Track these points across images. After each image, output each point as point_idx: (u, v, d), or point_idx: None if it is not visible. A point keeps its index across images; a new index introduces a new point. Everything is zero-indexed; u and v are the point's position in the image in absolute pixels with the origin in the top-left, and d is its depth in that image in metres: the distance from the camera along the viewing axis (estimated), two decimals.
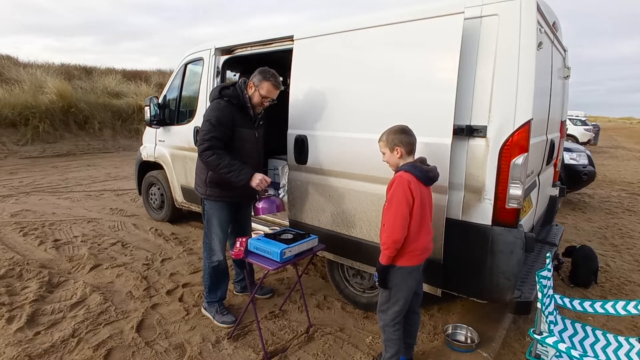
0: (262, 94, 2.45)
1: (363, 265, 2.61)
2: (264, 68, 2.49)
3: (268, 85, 2.44)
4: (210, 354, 2.31)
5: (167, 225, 4.65)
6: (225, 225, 2.64)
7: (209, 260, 2.63)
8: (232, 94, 2.47)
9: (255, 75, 2.46)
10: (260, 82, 2.44)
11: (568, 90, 3.42)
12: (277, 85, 2.48)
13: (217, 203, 2.57)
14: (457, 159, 2.13)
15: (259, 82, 2.44)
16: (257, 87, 2.45)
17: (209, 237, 2.62)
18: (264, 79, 2.43)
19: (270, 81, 2.44)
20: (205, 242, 2.67)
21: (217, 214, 2.59)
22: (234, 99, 2.46)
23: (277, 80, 2.47)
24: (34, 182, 6.99)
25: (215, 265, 2.62)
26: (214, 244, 2.60)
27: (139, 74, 17.00)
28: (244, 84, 2.50)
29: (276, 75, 2.48)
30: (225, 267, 2.68)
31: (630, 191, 7.56)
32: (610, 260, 3.97)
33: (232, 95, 2.46)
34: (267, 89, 2.44)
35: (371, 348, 2.41)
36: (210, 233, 2.61)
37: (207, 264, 2.65)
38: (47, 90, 11.30)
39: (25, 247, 3.86)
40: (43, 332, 2.45)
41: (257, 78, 2.45)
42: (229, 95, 2.46)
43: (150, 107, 4.18)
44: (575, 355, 1.70)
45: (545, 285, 2.02)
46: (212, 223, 2.60)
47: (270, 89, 2.45)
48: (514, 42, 1.95)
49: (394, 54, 2.28)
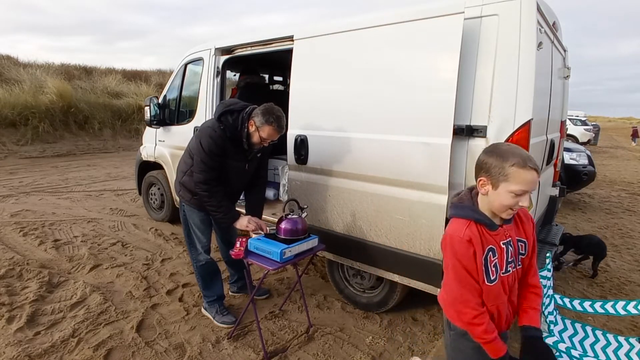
0: (263, 136, 2.31)
1: (363, 266, 2.61)
2: (269, 108, 2.31)
3: (270, 130, 2.29)
4: (210, 354, 2.31)
5: (167, 225, 4.65)
6: (205, 224, 2.56)
7: (195, 260, 2.62)
8: (230, 125, 2.32)
9: (257, 115, 2.30)
10: (262, 125, 2.28)
11: (568, 90, 3.42)
12: (280, 130, 2.33)
13: (193, 206, 2.51)
14: (457, 159, 2.13)
15: (261, 125, 2.28)
16: (259, 128, 2.30)
17: (190, 237, 2.60)
18: (267, 122, 2.27)
19: (273, 126, 2.28)
20: (188, 244, 2.65)
21: (194, 215, 2.53)
22: (228, 131, 2.31)
23: (280, 123, 2.31)
24: (34, 182, 6.98)
25: (202, 265, 2.60)
26: (197, 244, 2.58)
27: (139, 74, 17.00)
28: (248, 117, 2.33)
29: (280, 118, 2.31)
30: (214, 265, 2.66)
31: (630, 191, 7.56)
32: (610, 260, 3.97)
33: (229, 126, 2.32)
34: (269, 132, 2.30)
35: (371, 348, 2.41)
36: (192, 234, 2.58)
37: (195, 265, 2.64)
38: (47, 90, 11.31)
39: (25, 247, 3.86)
40: (43, 332, 2.45)
41: (260, 120, 2.28)
42: (226, 125, 2.32)
43: (150, 107, 4.18)
44: (575, 355, 1.70)
45: (545, 285, 2.02)
46: (190, 224, 2.56)
47: (271, 133, 2.31)
48: (514, 42, 1.95)
49: (394, 54, 2.28)
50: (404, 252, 2.35)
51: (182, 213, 2.60)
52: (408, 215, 2.29)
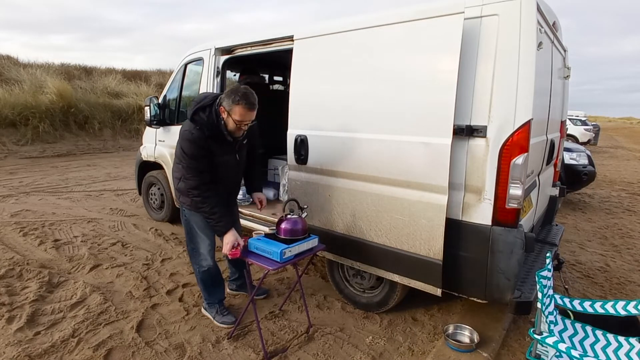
0: (236, 119, 2.15)
1: (363, 266, 2.61)
2: (233, 88, 2.18)
3: (240, 109, 2.12)
4: (210, 354, 2.31)
5: (167, 225, 4.65)
6: (207, 228, 2.46)
7: (198, 265, 2.56)
8: (206, 122, 2.17)
9: (223, 99, 2.15)
10: (231, 108, 2.13)
11: (568, 90, 3.42)
12: (251, 106, 2.15)
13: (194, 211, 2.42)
14: (457, 159, 2.13)
15: (230, 108, 2.13)
16: (229, 112, 2.15)
17: (193, 242, 2.52)
18: (234, 103, 2.11)
19: (241, 104, 2.11)
20: (190, 249, 2.57)
21: (196, 219, 2.44)
22: (206, 129, 2.16)
23: (248, 100, 2.12)
24: (34, 182, 6.98)
25: (204, 270, 2.54)
26: (201, 249, 2.51)
27: (139, 74, 17.00)
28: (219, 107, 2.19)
29: (247, 95, 2.13)
30: (216, 271, 2.61)
31: (630, 191, 7.55)
32: (610, 260, 3.97)
33: (205, 123, 2.17)
34: (240, 113, 2.13)
35: (371, 348, 2.41)
36: (194, 238, 2.51)
37: (197, 270, 2.59)
38: (47, 90, 11.30)
39: (25, 247, 3.86)
40: (43, 332, 2.45)
41: (227, 103, 2.14)
42: (201, 124, 2.17)
43: (150, 107, 4.18)
44: (575, 355, 1.70)
45: (545, 285, 2.02)
46: (193, 228, 2.48)
47: (243, 112, 2.13)
48: (514, 42, 1.96)
49: (394, 54, 2.28)
50: (404, 252, 2.35)
51: (183, 218, 2.52)
52: (408, 215, 2.29)
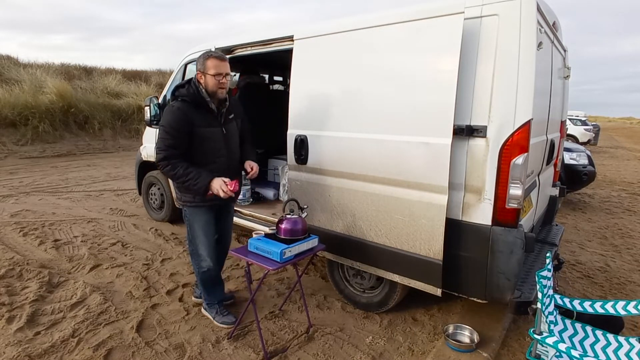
0: (212, 73, 2.26)
1: (363, 266, 2.61)
2: (203, 52, 2.36)
3: (212, 62, 2.27)
4: (210, 354, 2.31)
5: (167, 225, 4.65)
6: (209, 229, 2.49)
7: (198, 266, 2.56)
8: (186, 93, 2.29)
9: (197, 63, 2.32)
10: (204, 64, 2.27)
11: (568, 90, 3.42)
12: (221, 57, 2.31)
13: (195, 208, 2.46)
14: (457, 159, 2.13)
15: (203, 65, 2.28)
16: (204, 71, 2.28)
17: (194, 244, 2.52)
18: (206, 58, 2.28)
19: (211, 57, 2.28)
20: (191, 250, 2.58)
21: (198, 218, 2.46)
22: (188, 98, 2.28)
23: (217, 54, 2.32)
24: (34, 182, 6.98)
25: (204, 271, 2.54)
26: (200, 250, 2.50)
27: (139, 74, 16.99)
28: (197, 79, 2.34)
29: (214, 51, 2.36)
30: (217, 271, 2.61)
31: (630, 191, 7.55)
32: (610, 260, 3.97)
33: (186, 94, 2.29)
34: (213, 65, 2.27)
35: (371, 348, 2.41)
36: (195, 239, 2.50)
37: (197, 270, 2.59)
38: (47, 90, 11.29)
39: (25, 247, 3.86)
40: (43, 332, 2.45)
41: (200, 63, 2.29)
42: (183, 95, 2.29)
43: (150, 107, 4.17)
44: (575, 355, 1.70)
45: (545, 285, 2.02)
46: (194, 228, 2.49)
47: (216, 63, 2.27)
48: (514, 42, 1.95)
49: (394, 54, 2.27)
50: (404, 252, 2.35)
51: (185, 218, 2.53)
52: (408, 215, 2.29)
